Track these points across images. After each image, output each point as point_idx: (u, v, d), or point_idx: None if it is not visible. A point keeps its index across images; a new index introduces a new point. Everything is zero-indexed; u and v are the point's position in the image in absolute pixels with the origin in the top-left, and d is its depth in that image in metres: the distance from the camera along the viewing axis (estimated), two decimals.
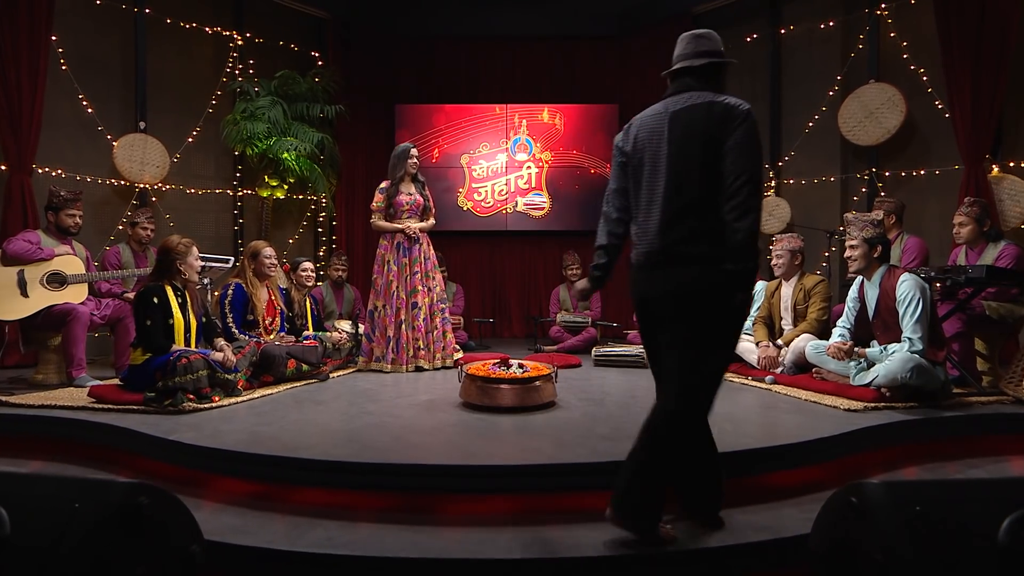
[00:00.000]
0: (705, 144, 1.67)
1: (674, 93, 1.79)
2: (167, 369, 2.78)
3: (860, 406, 2.77)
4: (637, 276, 1.81)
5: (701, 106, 1.70)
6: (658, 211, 1.73)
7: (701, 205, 1.68)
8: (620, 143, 1.87)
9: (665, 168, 1.73)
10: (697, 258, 1.68)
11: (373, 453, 2.13)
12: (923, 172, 4.85)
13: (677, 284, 1.70)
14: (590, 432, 2.42)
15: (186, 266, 3.00)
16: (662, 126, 1.76)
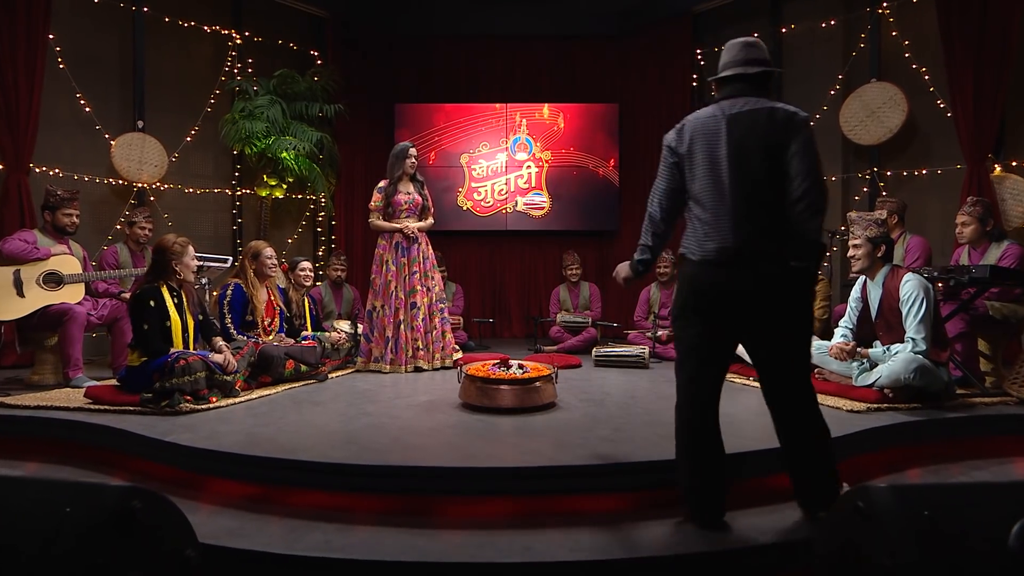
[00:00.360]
0: (768, 148, 1.76)
1: (727, 97, 1.87)
2: (165, 370, 2.76)
3: (863, 407, 2.75)
4: (703, 272, 1.82)
5: (763, 111, 1.79)
6: (728, 210, 1.78)
7: (769, 205, 1.78)
8: (673, 144, 1.90)
9: (728, 169, 1.79)
10: (770, 256, 1.77)
11: (371, 455, 2.11)
12: (925, 172, 4.83)
13: (754, 281, 1.77)
14: (591, 433, 2.39)
15: (182, 266, 2.98)
16: (719, 128, 1.81)
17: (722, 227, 1.78)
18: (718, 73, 1.92)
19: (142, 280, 3.04)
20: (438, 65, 6.71)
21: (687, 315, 1.87)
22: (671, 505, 2.00)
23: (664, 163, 1.93)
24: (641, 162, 6.49)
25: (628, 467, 1.99)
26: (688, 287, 1.86)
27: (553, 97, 6.62)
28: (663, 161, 1.93)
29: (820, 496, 1.86)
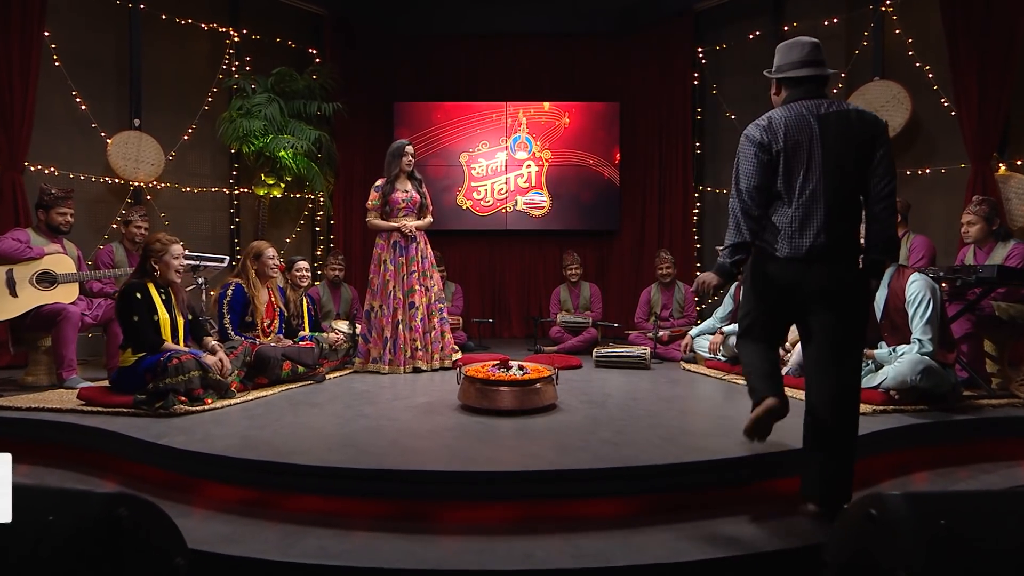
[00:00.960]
0: (859, 148, 1.85)
1: (806, 97, 1.94)
2: (157, 370, 2.71)
3: (869, 409, 2.70)
4: (786, 267, 1.90)
5: (851, 113, 1.88)
6: (822, 208, 1.85)
7: (855, 204, 1.89)
8: (764, 140, 1.92)
9: (821, 167, 1.86)
10: (850, 253, 1.89)
11: (368, 458, 2.06)
12: (928, 171, 4.79)
13: (837, 278, 1.88)
14: (592, 436, 2.35)
15: (162, 264, 2.91)
16: (812, 127, 1.88)
17: (815, 225, 1.86)
18: (784, 72, 1.98)
19: (128, 278, 2.98)
20: (437, 63, 6.66)
21: (762, 310, 2.00)
22: (675, 510, 1.96)
23: (755, 161, 1.93)
24: (642, 161, 6.45)
25: (631, 471, 1.95)
26: (772, 282, 1.94)
27: (553, 95, 6.57)
28: (751, 158, 1.93)
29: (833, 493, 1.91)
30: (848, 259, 1.89)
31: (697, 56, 6.15)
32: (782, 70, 2.00)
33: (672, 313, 5.01)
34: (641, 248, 6.41)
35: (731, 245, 1.94)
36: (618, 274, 6.60)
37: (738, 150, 1.99)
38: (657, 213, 6.32)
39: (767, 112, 2.01)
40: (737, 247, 1.94)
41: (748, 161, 1.94)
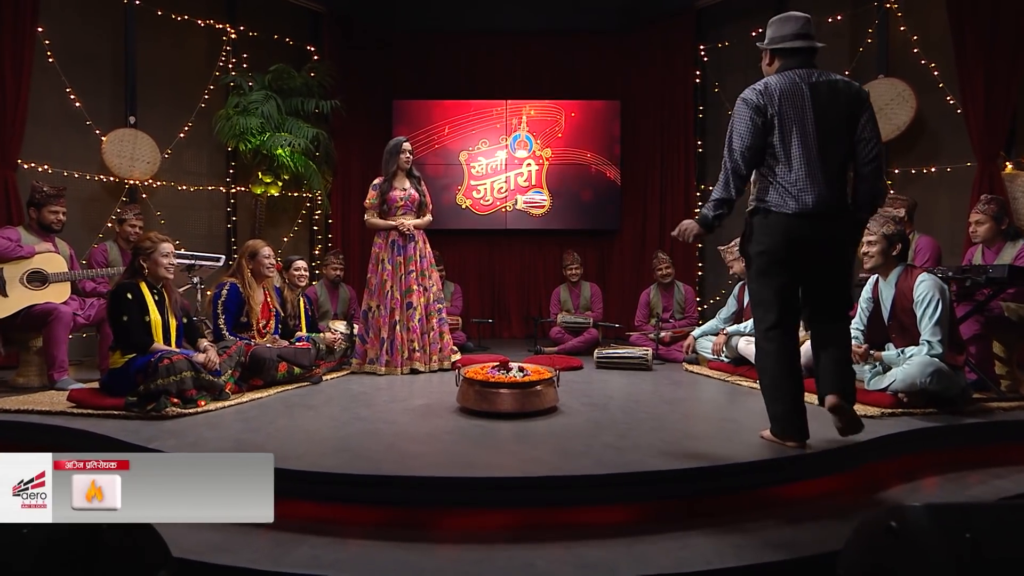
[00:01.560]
0: (848, 116, 2.04)
1: (798, 67, 2.09)
2: (148, 371, 2.65)
3: (876, 412, 2.65)
4: (797, 223, 2.04)
5: (840, 82, 2.08)
6: (819, 168, 2.03)
7: (846, 165, 2.08)
8: (760, 103, 2.06)
9: (814, 131, 2.03)
10: (846, 210, 2.09)
11: (364, 463, 2.00)
12: (934, 169, 4.73)
13: (836, 231, 2.08)
14: (594, 440, 2.29)
15: (151, 263, 2.85)
16: (803, 93, 2.04)
17: (817, 183, 2.02)
18: (779, 44, 2.14)
19: (120, 278, 2.92)
20: (437, 61, 6.60)
21: (775, 267, 2.11)
22: (681, 518, 1.90)
23: (749, 122, 2.07)
24: (643, 160, 6.39)
25: (635, 477, 1.88)
26: (781, 238, 2.06)
27: (554, 94, 6.51)
28: (747, 120, 2.07)
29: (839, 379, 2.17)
30: (844, 216, 2.09)
31: (699, 54, 6.09)
32: (776, 41, 2.15)
33: (673, 314, 4.94)
34: (642, 248, 6.34)
35: (717, 199, 2.11)
36: (618, 274, 6.54)
37: (733, 112, 2.13)
38: (658, 212, 6.26)
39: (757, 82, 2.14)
40: (722, 202, 2.11)
41: (743, 123, 2.08)
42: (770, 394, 2.18)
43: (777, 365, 2.15)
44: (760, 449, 2.16)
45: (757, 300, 2.19)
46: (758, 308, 2.19)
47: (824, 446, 2.19)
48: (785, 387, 2.14)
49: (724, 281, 5.96)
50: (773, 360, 2.15)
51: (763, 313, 2.16)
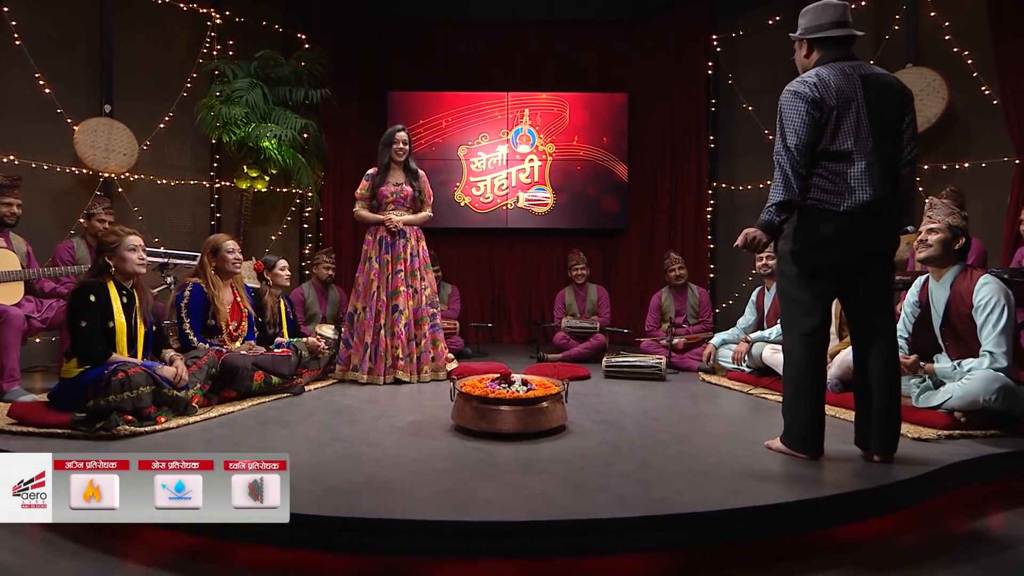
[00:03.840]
0: (899, 111, 1.96)
1: (842, 58, 1.99)
2: (100, 385, 2.31)
3: (932, 434, 2.31)
4: (845, 221, 1.92)
5: (890, 77, 2.00)
6: (874, 165, 1.91)
7: (896, 163, 1.97)
8: (818, 97, 1.91)
9: (868, 126, 1.92)
10: (896, 209, 1.98)
11: (338, 499, 1.67)
12: (967, 164, 4.41)
13: (888, 232, 1.99)
14: (611, 469, 1.95)
15: (117, 259, 2.52)
16: (855, 86, 1.93)
17: (872, 181, 1.91)
18: (819, 33, 2.01)
19: (84, 276, 2.58)
20: (435, 51, 6.28)
21: (819, 268, 1.99)
22: (718, 567, 1.57)
23: (806, 116, 1.92)
24: (652, 156, 6.07)
25: (666, 521, 1.55)
26: (830, 237, 1.93)
27: (558, 86, 6.18)
28: (802, 114, 1.92)
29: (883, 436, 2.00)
30: (895, 215, 1.98)
31: (712, 44, 5.78)
32: (816, 30, 2.01)
33: (686, 319, 4.61)
34: (651, 248, 6.02)
35: (779, 202, 1.93)
36: (625, 276, 6.21)
37: (782, 106, 1.97)
38: (668, 211, 5.94)
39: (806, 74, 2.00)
40: (786, 204, 1.94)
41: (799, 117, 1.92)
42: (792, 403, 2.07)
43: (805, 374, 2.03)
44: (806, 484, 1.83)
45: (792, 302, 2.05)
46: (793, 311, 2.05)
47: (882, 477, 1.85)
48: (809, 397, 2.03)
49: (737, 284, 5.64)
50: (802, 368, 2.03)
51: (798, 317, 2.04)
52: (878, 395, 1.98)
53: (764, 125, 5.45)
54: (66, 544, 1.68)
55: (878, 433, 1.99)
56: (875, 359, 1.99)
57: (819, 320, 2.01)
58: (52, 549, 1.68)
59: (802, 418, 2.04)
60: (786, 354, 2.09)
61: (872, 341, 2.00)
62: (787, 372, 2.08)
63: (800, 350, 2.02)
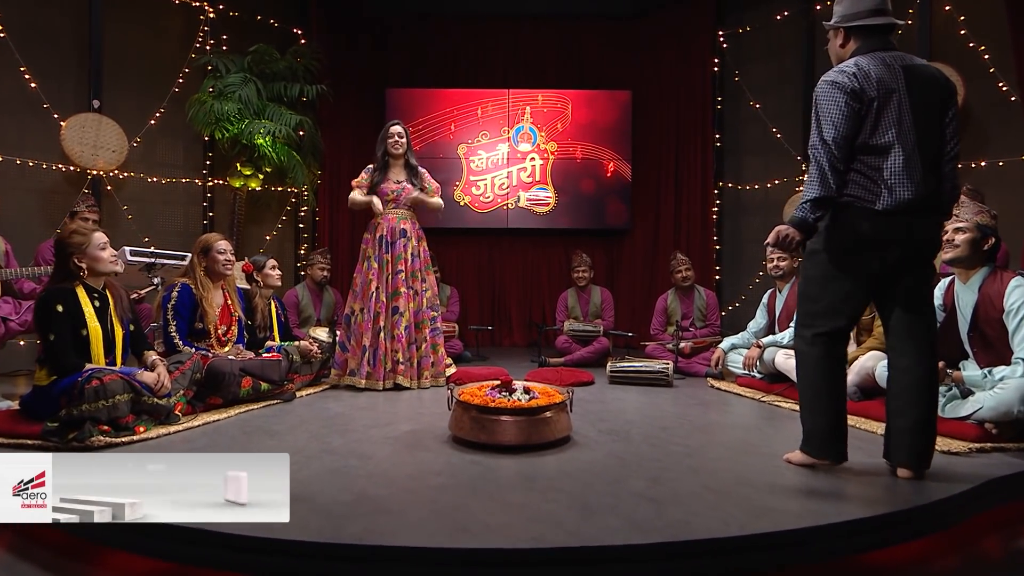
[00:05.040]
0: (942, 105, 1.85)
1: (881, 47, 1.87)
2: (73, 394, 2.16)
3: (962, 447, 2.17)
4: (885, 221, 1.81)
5: (933, 68, 1.89)
6: (916, 161, 1.80)
7: (939, 159, 1.85)
8: (858, 88, 1.80)
9: (911, 119, 1.80)
10: (939, 208, 1.87)
11: (323, 522, 1.52)
12: (984, 163, 4.26)
13: (931, 231, 1.88)
14: (621, 486, 1.81)
15: (89, 260, 2.37)
16: (897, 77, 1.82)
17: (913, 177, 1.79)
18: (857, 21, 1.89)
19: (48, 282, 2.42)
20: (434, 46, 6.14)
21: (849, 268, 1.88)
22: None
23: (845, 108, 1.80)
24: (656, 154, 5.93)
25: (685, 548, 1.40)
26: (865, 236, 1.83)
27: (560, 83, 6.05)
28: (841, 106, 1.80)
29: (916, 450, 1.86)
30: (938, 213, 1.89)
31: (718, 40, 5.64)
32: (854, 18, 1.90)
33: (693, 322, 4.46)
34: (655, 249, 5.88)
35: (815, 199, 1.82)
36: (629, 277, 6.06)
37: (818, 97, 1.86)
38: (673, 211, 5.80)
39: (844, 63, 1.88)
40: (823, 201, 1.82)
41: (838, 109, 1.80)
42: (810, 407, 1.97)
43: (823, 376, 1.93)
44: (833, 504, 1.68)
45: (813, 301, 1.94)
46: (813, 310, 1.94)
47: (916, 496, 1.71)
48: (828, 401, 1.93)
49: (744, 287, 5.49)
50: (819, 370, 1.93)
51: (818, 318, 1.93)
52: (915, 406, 1.85)
53: (772, 123, 5.31)
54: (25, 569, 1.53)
55: (912, 447, 1.86)
56: (913, 368, 1.87)
57: (844, 323, 1.92)
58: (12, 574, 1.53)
59: (821, 424, 1.93)
60: (800, 355, 1.98)
61: (910, 349, 1.88)
62: (803, 375, 1.98)
63: (814, 350, 1.93)
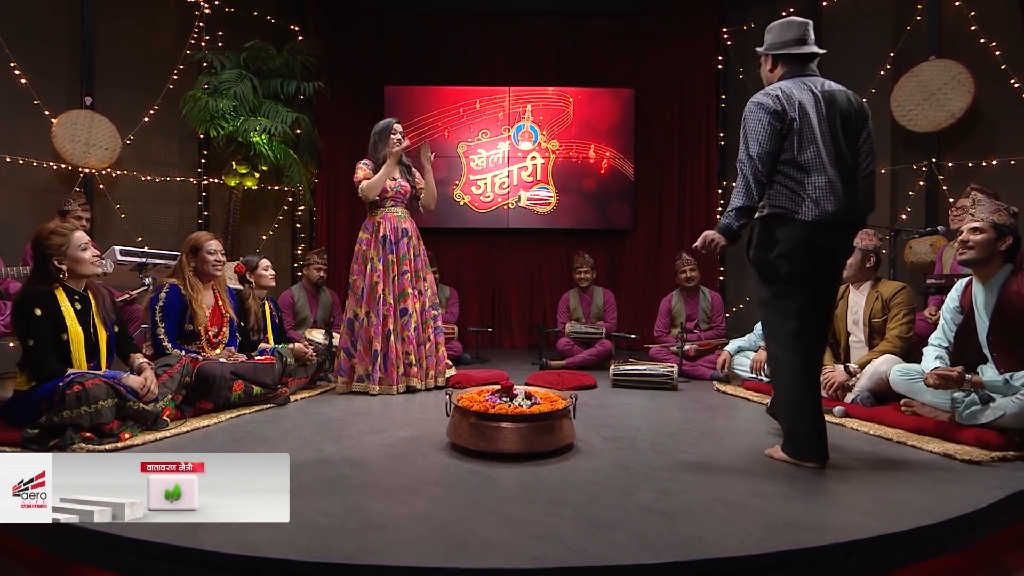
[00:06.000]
0: (855, 126, 2.04)
1: (804, 73, 2.09)
2: (54, 399, 2.07)
3: (984, 456, 2.07)
4: (817, 232, 1.98)
5: (845, 92, 2.07)
6: (837, 177, 1.98)
7: (855, 176, 2.03)
8: (779, 109, 1.99)
9: (829, 140, 1.99)
10: (856, 221, 2.07)
11: (311, 539, 1.42)
12: (995, 162, 4.17)
13: (847, 241, 2.11)
14: (629, 499, 1.71)
15: (70, 261, 2.27)
16: (818, 100, 2.01)
17: (836, 192, 1.97)
18: (783, 49, 2.10)
19: (25, 283, 2.33)
20: (433, 43, 6.05)
21: (799, 274, 2.00)
22: None
23: (768, 127, 1.98)
24: (659, 153, 5.84)
25: (701, 568, 1.31)
26: (805, 245, 1.98)
27: (561, 80, 5.96)
28: (765, 125, 1.98)
29: None
30: (855, 225, 2.08)
31: (722, 38, 5.56)
32: (781, 47, 2.11)
33: (698, 324, 4.36)
34: (658, 249, 5.79)
35: (740, 208, 2.00)
36: (631, 278, 5.97)
37: (747, 116, 2.04)
38: (676, 211, 5.72)
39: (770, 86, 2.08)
40: (745, 210, 2.01)
41: (762, 127, 1.99)
42: (789, 411, 2.06)
43: (800, 381, 2.02)
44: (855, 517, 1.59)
45: (771, 309, 2.07)
46: (776, 317, 2.06)
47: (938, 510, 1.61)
48: (808, 405, 2.02)
49: (749, 288, 5.39)
50: (796, 375, 2.02)
51: (781, 323, 2.04)
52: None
53: None
54: None
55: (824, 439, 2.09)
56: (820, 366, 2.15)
57: (798, 323, 2.01)
58: None
59: (802, 428, 2.01)
60: (775, 361, 2.08)
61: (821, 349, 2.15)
62: (780, 380, 2.08)
63: (791, 356, 2.02)
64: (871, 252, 2.93)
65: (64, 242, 2.25)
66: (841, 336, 3.04)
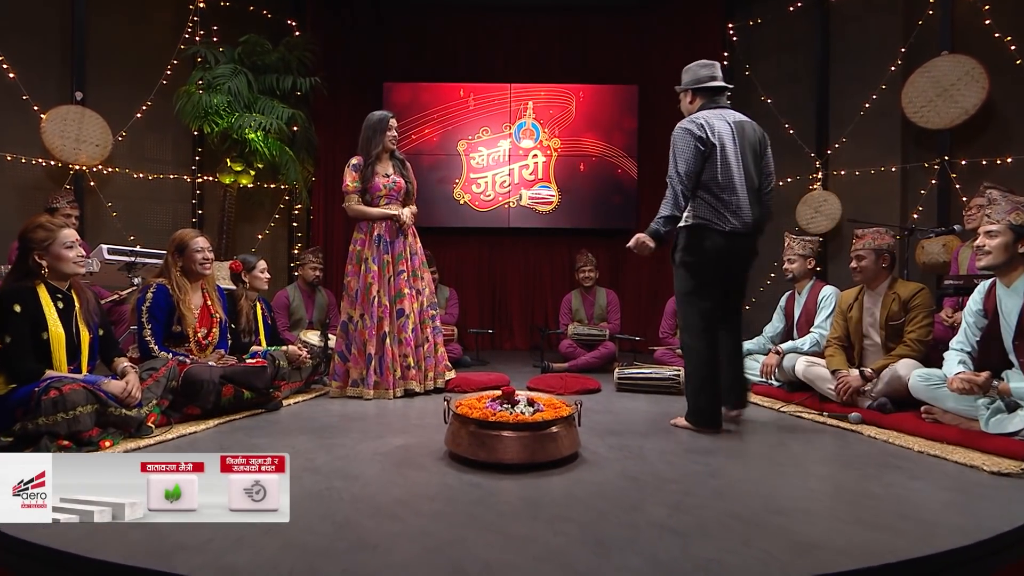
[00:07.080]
0: (758, 152, 2.48)
1: (719, 107, 2.51)
2: (30, 405, 1.96)
3: (1014, 467, 1.95)
4: (731, 240, 2.39)
5: (750, 123, 2.51)
6: (745, 195, 2.40)
7: (759, 192, 2.48)
8: (703, 135, 2.37)
9: (740, 163, 2.41)
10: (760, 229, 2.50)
11: (296, 561, 1.31)
12: (1010, 160, 4.06)
13: (752, 247, 2.52)
14: (639, 514, 1.60)
15: (51, 258, 2.16)
16: (731, 128, 2.43)
17: (743, 207, 2.39)
18: (701, 84, 2.53)
19: (5, 279, 2.22)
20: (433, 39, 5.95)
21: (713, 277, 2.43)
22: None
23: (693, 150, 2.36)
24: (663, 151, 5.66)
25: None
26: (716, 253, 2.39)
27: (564, 77, 5.86)
28: (691, 147, 2.36)
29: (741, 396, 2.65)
30: (759, 232, 2.49)
31: (727, 33, 5.45)
32: (698, 82, 2.54)
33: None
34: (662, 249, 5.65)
35: (667, 216, 2.37)
36: (634, 279, 5.86)
37: (675, 139, 2.42)
38: None
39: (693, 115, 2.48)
40: (671, 219, 2.38)
41: (689, 149, 2.36)
42: (697, 388, 2.46)
43: (708, 365, 2.44)
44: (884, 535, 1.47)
45: (694, 306, 2.44)
46: (692, 311, 2.45)
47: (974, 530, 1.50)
48: (712, 383, 2.44)
49: (755, 289, 5.28)
50: (705, 360, 2.43)
51: (697, 318, 2.44)
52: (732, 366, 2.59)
53: (784, 118, 5.12)
54: None
55: (735, 396, 2.61)
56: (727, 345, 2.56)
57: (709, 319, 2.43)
58: None
59: (705, 402, 2.44)
60: (687, 348, 2.48)
61: (728, 331, 2.57)
62: (691, 365, 2.47)
63: (702, 345, 2.42)
64: (885, 251, 2.82)
65: (49, 237, 2.15)
66: (856, 340, 2.92)
